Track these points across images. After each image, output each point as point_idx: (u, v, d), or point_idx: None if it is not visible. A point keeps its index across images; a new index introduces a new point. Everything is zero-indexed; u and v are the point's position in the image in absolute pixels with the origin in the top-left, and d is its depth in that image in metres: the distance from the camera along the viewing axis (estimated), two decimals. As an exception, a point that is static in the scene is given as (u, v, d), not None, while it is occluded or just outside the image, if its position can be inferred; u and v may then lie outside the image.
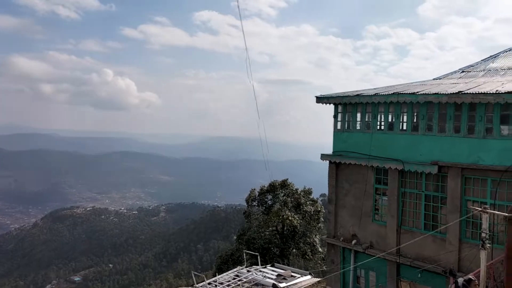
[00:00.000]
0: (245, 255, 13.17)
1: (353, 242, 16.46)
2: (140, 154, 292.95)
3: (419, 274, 14.51)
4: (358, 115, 16.52)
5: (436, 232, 14.14)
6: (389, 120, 15.66)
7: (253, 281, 10.39)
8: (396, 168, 15.03)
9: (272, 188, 29.26)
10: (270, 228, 27.67)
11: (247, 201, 30.71)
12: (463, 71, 17.65)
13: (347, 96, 16.33)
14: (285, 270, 11.51)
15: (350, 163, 16.42)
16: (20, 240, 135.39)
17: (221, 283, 10.33)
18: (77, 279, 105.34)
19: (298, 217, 27.68)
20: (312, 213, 28.65)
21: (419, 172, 14.55)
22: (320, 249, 27.88)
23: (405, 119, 15.30)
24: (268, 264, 12.71)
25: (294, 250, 28.35)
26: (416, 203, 15.01)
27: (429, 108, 14.30)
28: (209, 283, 10.42)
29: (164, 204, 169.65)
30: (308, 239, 28.10)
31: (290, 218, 26.74)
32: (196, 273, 12.30)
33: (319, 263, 28.28)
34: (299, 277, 10.77)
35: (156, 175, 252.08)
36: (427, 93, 13.96)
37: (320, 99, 17.20)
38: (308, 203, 29.13)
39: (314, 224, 28.82)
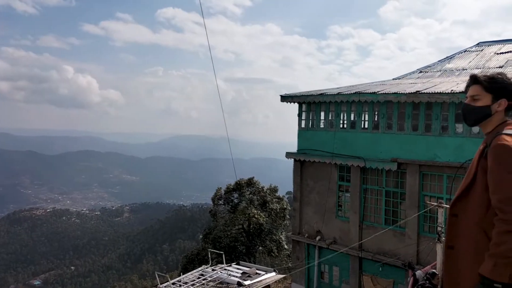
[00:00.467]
0: (210, 254, 13.14)
1: (318, 238, 16.79)
2: (103, 153, 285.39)
3: (380, 268, 15.00)
4: (322, 113, 16.85)
5: (396, 226, 14.66)
6: (352, 118, 16.06)
7: (218, 280, 10.41)
8: (358, 166, 15.45)
9: (238, 186, 29.29)
10: (236, 227, 27.70)
11: (213, 200, 30.60)
12: (421, 71, 18.34)
13: (311, 95, 16.62)
14: (250, 268, 11.60)
15: (314, 161, 16.72)
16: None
17: (186, 282, 10.29)
18: (37, 282, 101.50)
19: (264, 215, 27.85)
20: (278, 210, 28.90)
21: (380, 169, 15.02)
22: (286, 246, 28.18)
23: (366, 118, 15.75)
24: (234, 262, 12.75)
25: (260, 248, 28.52)
26: (377, 199, 15.51)
27: (388, 107, 14.78)
28: (173, 283, 10.35)
29: (128, 204, 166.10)
30: (274, 236, 28.33)
31: (256, 216, 26.86)
32: (159, 273, 12.16)
33: (284, 260, 28.58)
34: (264, 274, 10.87)
35: (119, 174, 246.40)
36: (386, 92, 14.44)
37: (285, 98, 17.42)
38: (274, 200, 29.35)
39: (280, 221, 29.09)
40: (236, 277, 10.52)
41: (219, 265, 12.19)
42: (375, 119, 15.53)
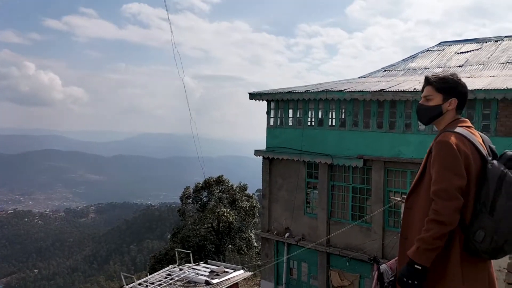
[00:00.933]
0: (177, 253, 13.02)
1: (286, 235, 16.93)
2: (66, 152, 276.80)
3: (347, 263, 15.29)
4: (290, 111, 16.98)
5: (362, 222, 14.99)
6: (319, 116, 16.27)
7: (185, 279, 10.31)
8: (325, 163, 15.67)
9: (207, 184, 29.12)
10: (206, 225, 27.54)
11: (181, 198, 30.30)
12: (385, 70, 18.78)
13: (279, 93, 16.71)
14: (218, 266, 11.56)
15: (282, 159, 16.84)
16: None
17: (152, 283, 10.13)
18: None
19: (234, 213, 27.83)
20: (248, 208, 28.94)
21: (347, 165, 15.30)
22: (255, 244, 28.28)
23: (333, 116, 15.99)
24: (202, 261, 12.68)
25: (230, 246, 28.49)
26: (344, 195, 15.79)
27: (355, 105, 15.07)
28: (139, 284, 10.18)
29: (93, 205, 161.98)
30: (243, 234, 28.37)
31: (225, 214, 26.80)
32: (125, 274, 11.91)
33: (254, 257, 28.69)
34: (232, 272, 10.86)
35: (84, 174, 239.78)
36: (352, 91, 14.71)
37: (253, 96, 17.43)
38: (243, 198, 29.37)
39: (250, 219, 29.15)
40: (204, 276, 10.46)
41: (186, 264, 12.08)
42: (342, 116, 15.79)
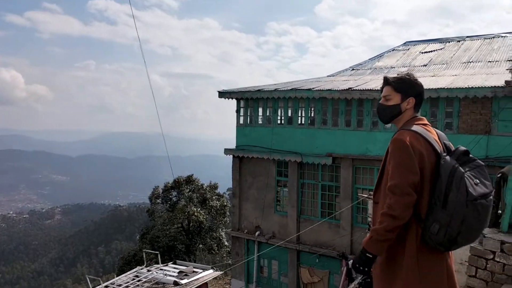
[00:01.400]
0: (145, 254, 12.80)
1: (257, 233, 16.94)
2: (30, 152, 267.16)
3: (317, 260, 15.46)
4: (260, 110, 16.98)
5: (331, 219, 15.18)
6: (289, 114, 16.35)
7: (153, 280, 10.13)
8: (295, 161, 15.77)
9: (177, 184, 28.79)
10: (176, 225, 27.22)
11: (150, 199, 29.86)
12: (353, 69, 19.07)
13: (249, 91, 16.68)
14: (187, 267, 11.44)
15: (252, 157, 16.83)
16: None
17: (119, 285, 9.90)
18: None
19: (204, 213, 27.65)
20: (218, 207, 28.83)
21: (316, 163, 15.45)
22: (226, 243, 28.21)
23: (303, 114, 16.10)
24: (171, 262, 12.51)
25: (201, 246, 28.29)
26: (313, 193, 15.94)
27: (323, 103, 15.23)
28: (106, 286, 9.92)
29: (59, 206, 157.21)
30: (214, 233, 28.23)
31: (196, 213, 26.58)
32: (91, 276, 11.60)
33: (225, 256, 28.61)
34: (201, 272, 10.77)
35: (48, 175, 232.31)
36: (321, 89, 14.85)
37: (223, 94, 17.32)
38: (214, 198, 29.23)
39: (221, 218, 29.04)
40: (173, 276, 10.32)
41: (155, 265, 11.88)
42: (311, 115, 15.92)
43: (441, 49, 18.23)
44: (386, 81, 2.72)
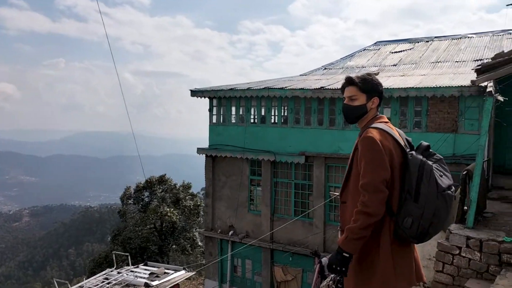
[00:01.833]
0: (115, 256, 12.53)
1: (230, 233, 16.86)
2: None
3: (290, 258, 15.52)
4: (233, 108, 16.90)
5: (305, 217, 15.27)
6: (262, 113, 16.33)
7: (123, 282, 9.92)
8: (268, 160, 15.78)
9: (149, 184, 28.36)
10: (148, 226, 26.80)
11: (122, 199, 29.30)
12: (325, 68, 19.24)
13: (221, 90, 16.57)
14: (158, 268, 11.26)
15: (226, 156, 16.73)
16: None
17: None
18: None
19: (178, 213, 27.34)
20: (192, 207, 28.56)
21: (289, 162, 15.50)
22: (200, 243, 27.99)
23: (276, 113, 16.12)
24: (142, 263, 12.28)
25: (174, 246, 27.98)
26: (287, 191, 16.00)
27: (296, 102, 15.29)
28: (74, 290, 9.68)
29: (27, 208, 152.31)
30: (188, 234, 27.96)
31: (168, 214, 26.25)
32: (58, 280, 11.28)
33: (199, 257, 28.40)
34: (172, 273, 10.62)
35: (16, 175, 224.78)
36: (294, 88, 14.90)
37: (195, 93, 17.14)
38: (187, 198, 28.94)
39: (194, 218, 28.79)
40: (144, 278, 10.13)
41: (125, 267, 11.65)
42: (284, 114, 15.96)
43: (410, 49, 18.61)
44: (350, 81, 2.73)
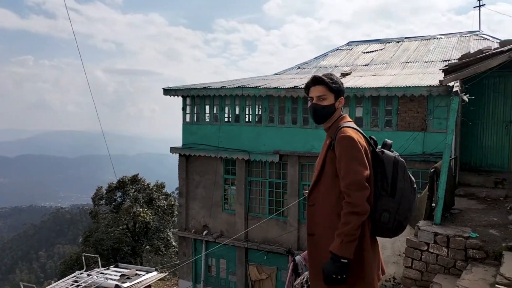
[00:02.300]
0: (84, 258, 12.26)
1: (204, 232, 16.77)
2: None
3: (265, 256, 15.56)
4: (207, 107, 16.79)
5: (279, 215, 15.33)
6: (236, 112, 16.30)
7: (94, 285, 9.71)
8: (243, 159, 15.76)
9: (121, 184, 27.89)
10: (121, 227, 26.36)
11: (93, 200, 28.71)
12: (299, 68, 19.36)
13: (195, 89, 16.43)
14: (130, 269, 11.08)
15: (199, 155, 16.61)
16: None
17: (57, 291, 9.43)
18: None
19: (151, 213, 27.00)
20: (166, 207, 28.27)
21: (263, 161, 15.53)
22: (174, 243, 27.74)
23: (250, 112, 16.11)
24: (112, 265, 12.06)
25: (148, 247, 27.62)
26: (261, 190, 16.02)
27: (270, 101, 15.32)
28: (41, 293, 9.41)
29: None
30: (161, 234, 27.67)
31: (142, 214, 25.90)
32: (25, 283, 10.95)
33: (173, 257, 28.12)
34: (144, 275, 10.46)
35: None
36: (268, 87, 14.92)
37: (168, 91, 16.94)
38: (161, 197, 28.63)
39: (168, 218, 28.51)
40: (114, 280, 9.94)
41: (95, 269, 11.40)
42: (258, 112, 15.97)
43: (381, 49, 18.94)
44: (320, 80, 2.68)
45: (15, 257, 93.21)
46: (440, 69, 9.15)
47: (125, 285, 9.53)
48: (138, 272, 10.65)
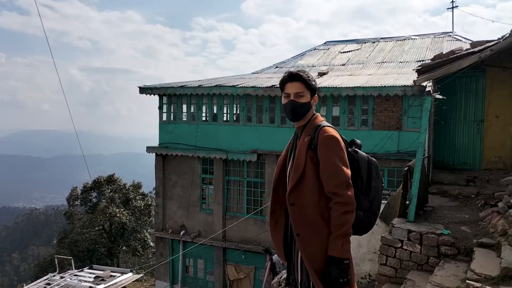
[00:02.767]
0: (57, 260, 11.98)
1: (182, 233, 16.61)
2: None
3: (243, 256, 15.53)
4: (184, 106, 16.63)
5: (257, 214, 15.33)
6: (213, 111, 16.20)
7: (67, 287, 9.49)
8: (220, 158, 15.68)
9: (97, 184, 27.40)
10: (96, 228, 25.89)
11: (68, 200, 28.12)
12: (277, 67, 19.40)
13: (171, 87, 16.26)
14: (104, 271, 10.87)
15: (177, 155, 16.44)
16: None
17: (29, 294, 9.18)
18: None
19: (128, 213, 26.61)
20: (143, 207, 27.93)
21: (241, 160, 15.49)
22: (151, 244, 27.43)
23: (227, 111, 16.04)
24: (86, 267, 11.82)
25: (124, 248, 27.22)
26: (239, 189, 15.98)
27: (248, 100, 15.28)
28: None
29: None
30: (138, 234, 27.32)
31: (118, 215, 25.49)
32: None
33: (150, 257, 27.80)
34: (119, 276, 10.28)
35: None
36: (245, 86, 14.89)
37: (144, 90, 16.69)
38: (138, 197, 28.26)
39: (145, 218, 28.17)
40: (88, 282, 9.74)
41: (69, 271, 11.15)
42: (236, 111, 15.92)
43: (358, 49, 19.16)
44: (299, 77, 2.60)
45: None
46: (414, 69, 9.30)
47: (99, 287, 9.34)
48: (113, 274, 10.45)
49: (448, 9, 19.76)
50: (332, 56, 19.04)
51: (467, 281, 4.35)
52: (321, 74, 15.95)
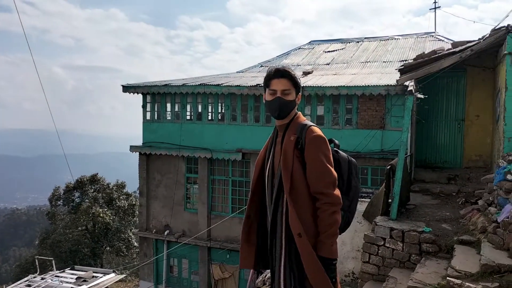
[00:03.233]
0: (37, 261, 11.77)
1: (166, 232, 16.49)
2: None
3: (227, 255, 15.49)
4: (168, 105, 16.49)
5: (242, 213, 15.29)
6: (198, 110, 16.10)
7: None
8: (205, 157, 15.60)
9: (80, 184, 27.02)
10: (79, 228, 25.54)
11: (50, 200, 27.68)
12: (261, 66, 19.39)
13: (155, 86, 16.11)
14: (86, 272, 10.72)
15: (161, 154, 16.31)
16: None
17: (8, 295, 8.99)
18: None
19: (111, 213, 26.31)
20: (127, 207, 27.65)
21: (226, 159, 15.44)
22: (136, 244, 27.18)
23: (212, 110, 15.97)
24: (68, 268, 11.64)
25: (108, 248, 26.92)
26: (224, 189, 15.92)
27: (232, 99, 15.24)
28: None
29: None
30: (122, 235, 27.04)
31: (101, 215, 25.18)
32: None
33: (134, 258, 27.55)
34: (101, 277, 10.16)
35: None
36: (230, 85, 14.84)
37: (127, 88, 16.50)
38: (121, 197, 27.96)
39: (129, 218, 27.89)
40: (70, 283, 9.59)
41: (50, 272, 10.97)
42: (221, 110, 15.86)
43: (342, 49, 19.27)
44: (286, 74, 2.52)
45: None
46: (397, 69, 9.39)
47: (81, 288, 9.23)
48: (95, 274, 10.32)
49: (431, 9, 20.03)
50: (317, 56, 19.11)
51: (447, 278, 4.40)
52: (305, 73, 15.99)
